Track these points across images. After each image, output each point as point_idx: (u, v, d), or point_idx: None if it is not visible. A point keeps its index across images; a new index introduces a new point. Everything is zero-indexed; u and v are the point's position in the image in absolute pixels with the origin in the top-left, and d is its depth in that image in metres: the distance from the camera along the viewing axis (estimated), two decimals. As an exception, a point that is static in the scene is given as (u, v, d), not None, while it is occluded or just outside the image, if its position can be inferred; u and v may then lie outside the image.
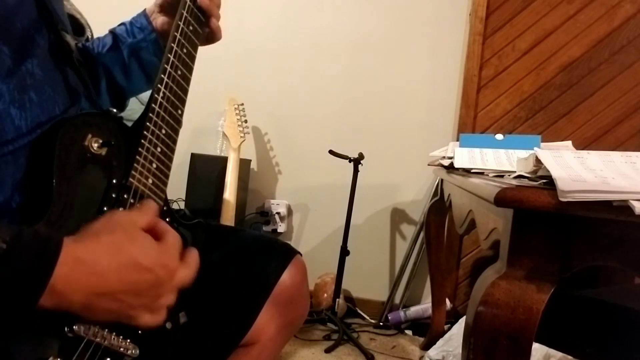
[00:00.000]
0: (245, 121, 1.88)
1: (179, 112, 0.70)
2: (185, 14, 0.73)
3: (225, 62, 2.11)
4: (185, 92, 0.72)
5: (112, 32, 0.81)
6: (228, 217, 1.73)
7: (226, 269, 0.77)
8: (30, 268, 0.40)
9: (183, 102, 0.71)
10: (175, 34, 0.71)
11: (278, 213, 2.12)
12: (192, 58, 0.75)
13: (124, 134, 0.61)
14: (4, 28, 0.52)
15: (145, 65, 0.81)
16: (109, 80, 0.81)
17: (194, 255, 0.54)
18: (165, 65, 0.68)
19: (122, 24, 0.82)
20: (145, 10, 0.82)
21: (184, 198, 1.91)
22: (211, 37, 0.80)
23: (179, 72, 0.71)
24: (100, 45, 0.80)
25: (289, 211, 2.16)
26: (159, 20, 0.81)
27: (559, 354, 1.24)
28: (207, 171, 1.89)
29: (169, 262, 0.50)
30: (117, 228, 0.48)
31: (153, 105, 0.65)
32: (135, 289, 0.47)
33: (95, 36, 0.81)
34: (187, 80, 0.74)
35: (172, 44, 0.70)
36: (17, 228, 0.42)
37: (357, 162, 1.88)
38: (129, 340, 0.54)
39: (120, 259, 0.46)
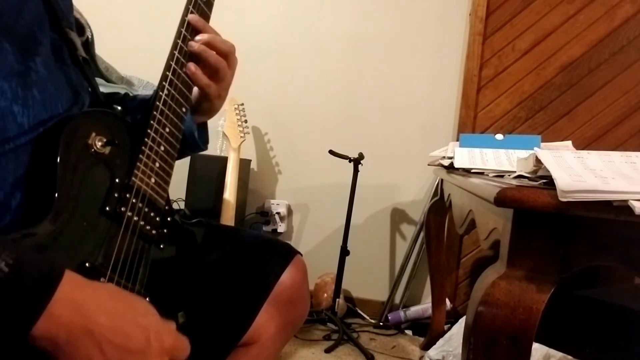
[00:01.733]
0: (245, 121, 1.88)
1: (184, 110, 0.69)
2: (191, 8, 0.72)
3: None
4: (190, 89, 0.72)
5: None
6: (228, 217, 1.73)
7: (226, 268, 0.77)
8: (31, 292, 0.40)
9: (188, 100, 0.71)
10: (181, 29, 0.71)
11: (278, 213, 2.12)
12: None
13: (128, 132, 0.61)
14: (7, 26, 0.52)
15: None
16: None
17: (184, 350, 0.52)
18: (170, 62, 0.68)
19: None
20: None
21: (184, 198, 1.91)
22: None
23: (184, 70, 0.70)
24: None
25: (289, 211, 2.16)
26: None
27: (559, 354, 1.24)
28: (207, 171, 1.89)
29: (164, 335, 0.48)
30: (124, 290, 0.48)
31: (157, 103, 0.64)
32: (122, 344, 0.44)
33: (95, 36, 0.81)
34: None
35: (178, 40, 0.70)
36: (21, 251, 0.42)
37: (357, 162, 1.88)
38: None
39: (118, 304, 0.45)
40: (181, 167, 1.91)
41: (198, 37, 0.72)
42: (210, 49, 0.72)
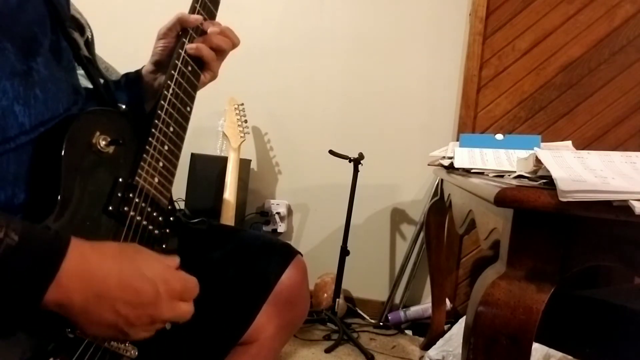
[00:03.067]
0: (245, 121, 1.88)
1: (188, 109, 0.69)
2: (198, 7, 0.73)
3: (225, 62, 2.10)
4: (195, 88, 0.72)
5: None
6: (228, 217, 1.73)
7: (226, 268, 0.77)
8: (40, 260, 0.41)
9: (192, 98, 0.70)
10: (188, 29, 0.71)
11: (278, 213, 2.11)
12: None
13: (132, 131, 0.61)
14: (8, 26, 0.52)
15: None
16: None
17: (194, 292, 0.54)
18: (176, 61, 0.68)
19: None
20: (142, 67, 0.81)
21: (184, 198, 1.91)
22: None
23: (189, 68, 0.70)
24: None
25: (289, 211, 2.16)
26: (161, 80, 0.79)
27: (559, 354, 1.24)
28: (207, 171, 1.89)
29: (172, 282, 0.50)
30: (127, 244, 0.50)
31: (162, 102, 0.64)
32: (134, 299, 0.46)
33: (95, 36, 0.81)
34: (197, 77, 0.73)
35: (184, 39, 0.70)
36: (27, 223, 0.43)
37: (357, 162, 1.88)
38: (128, 341, 0.54)
39: (123, 264, 0.47)
40: (181, 167, 1.90)
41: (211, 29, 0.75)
42: (208, 44, 0.75)
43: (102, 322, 0.45)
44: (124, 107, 0.63)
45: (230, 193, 1.75)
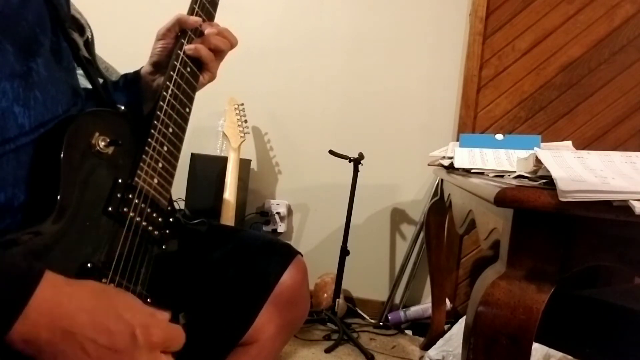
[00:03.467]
0: (245, 121, 1.88)
1: (187, 110, 0.69)
2: (196, 8, 0.73)
3: (225, 62, 2.10)
4: (194, 89, 0.72)
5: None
6: (228, 217, 1.73)
7: (226, 268, 0.77)
8: (8, 294, 0.39)
9: (191, 99, 0.71)
10: (187, 30, 0.71)
11: (278, 213, 2.11)
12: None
13: (132, 132, 0.61)
14: (8, 27, 0.52)
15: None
16: None
17: (179, 341, 0.48)
18: (175, 62, 0.68)
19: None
20: (140, 68, 0.81)
21: (184, 198, 1.91)
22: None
23: (188, 69, 0.70)
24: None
25: (289, 211, 2.16)
26: (158, 82, 0.79)
27: (559, 354, 1.24)
28: (207, 171, 1.89)
29: (152, 328, 0.44)
30: (111, 287, 0.47)
31: (161, 103, 0.64)
32: (107, 343, 0.41)
33: (95, 36, 0.81)
34: (196, 78, 0.74)
35: (183, 40, 0.70)
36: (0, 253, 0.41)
37: (357, 162, 1.88)
38: None
39: (99, 301, 0.43)
40: (181, 167, 1.90)
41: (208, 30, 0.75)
42: (207, 45, 0.75)
43: None
44: (122, 107, 0.63)
45: (230, 193, 1.75)
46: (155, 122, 0.62)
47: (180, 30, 0.75)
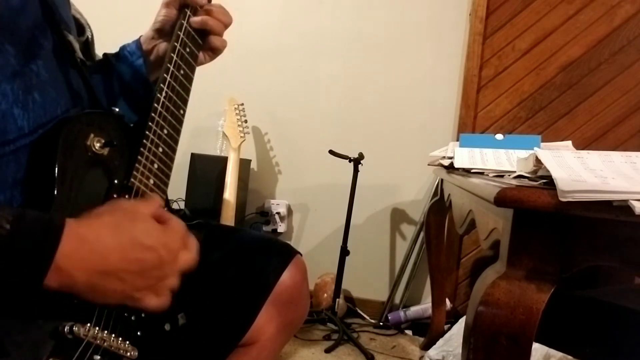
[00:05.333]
0: (245, 121, 1.88)
1: (181, 111, 0.70)
2: (188, 12, 0.74)
3: (225, 62, 2.09)
4: (188, 91, 0.72)
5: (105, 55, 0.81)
6: (228, 217, 1.73)
7: (226, 268, 0.77)
8: (35, 247, 0.41)
9: (185, 101, 0.71)
10: (179, 32, 0.71)
11: (278, 213, 2.11)
12: (195, 57, 0.75)
13: (126, 134, 0.61)
14: (8, 29, 0.52)
15: (126, 91, 0.80)
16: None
17: (194, 240, 0.56)
18: (168, 65, 0.68)
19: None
20: (139, 37, 0.81)
21: (184, 198, 1.91)
22: (215, 49, 0.81)
23: (182, 72, 0.71)
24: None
25: (289, 211, 2.16)
26: (161, 47, 0.80)
27: (559, 354, 1.24)
28: (207, 171, 1.89)
29: (171, 243, 0.51)
30: (119, 210, 0.50)
31: (155, 104, 0.65)
32: (138, 268, 0.47)
33: (94, 37, 0.81)
34: (190, 80, 0.74)
35: (176, 44, 0.70)
36: (19, 209, 0.42)
37: (357, 162, 1.88)
38: (127, 342, 0.54)
39: (121, 237, 0.47)
40: (181, 167, 1.91)
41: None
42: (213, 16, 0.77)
43: (110, 292, 0.46)
44: (117, 110, 0.63)
45: (230, 193, 1.75)
46: (150, 123, 0.63)
47: (181, 5, 0.75)
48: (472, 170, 1.03)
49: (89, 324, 0.49)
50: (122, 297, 0.48)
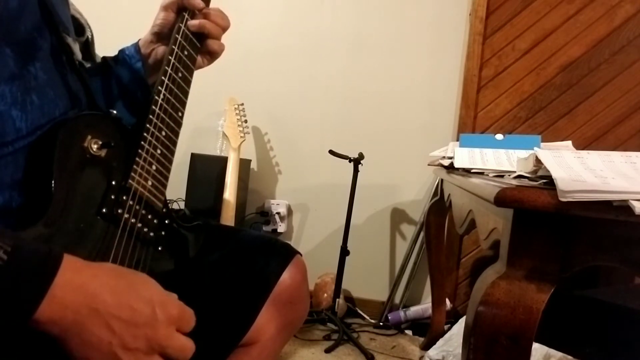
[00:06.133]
0: (245, 121, 1.88)
1: (179, 114, 0.70)
2: (186, 15, 0.74)
3: (225, 62, 2.09)
4: (186, 94, 0.72)
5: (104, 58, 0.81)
6: (228, 217, 1.73)
7: (226, 268, 0.77)
8: (31, 276, 0.40)
9: (183, 104, 0.71)
10: (177, 35, 0.71)
11: (278, 213, 2.11)
12: (193, 60, 0.75)
13: (124, 135, 0.61)
14: (7, 31, 0.52)
15: (125, 94, 0.79)
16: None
17: (191, 323, 0.52)
18: (166, 67, 0.68)
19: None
20: (138, 40, 0.81)
21: (184, 198, 1.91)
22: (213, 53, 0.81)
23: (180, 74, 0.71)
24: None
25: (289, 211, 2.16)
26: (160, 50, 0.80)
27: (559, 354, 1.24)
28: (207, 171, 1.89)
29: (169, 306, 0.48)
30: (123, 267, 0.49)
31: (153, 107, 0.65)
32: (130, 319, 0.44)
33: (95, 36, 0.81)
34: (188, 83, 0.74)
35: (174, 47, 0.70)
36: (18, 238, 0.42)
37: (357, 162, 1.88)
38: None
39: (119, 281, 0.46)
40: (181, 167, 1.91)
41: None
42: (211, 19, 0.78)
43: (95, 342, 0.43)
44: (114, 112, 0.63)
45: (230, 193, 1.75)
46: (147, 125, 0.63)
47: (179, 9, 0.75)
48: (472, 170, 1.03)
49: None
50: (108, 352, 0.44)
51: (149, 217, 0.62)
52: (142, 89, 0.79)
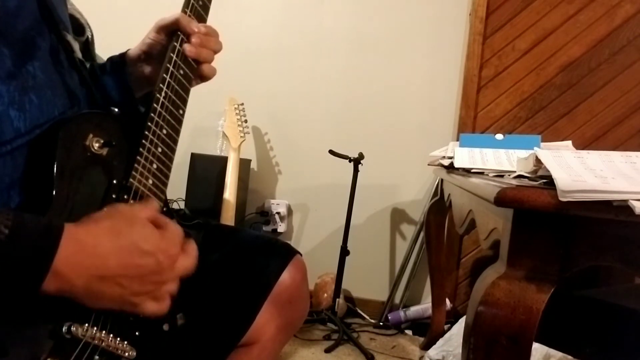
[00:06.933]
0: (245, 121, 1.88)
1: (181, 112, 0.69)
2: (181, 35, 0.73)
3: (225, 62, 2.10)
4: (187, 91, 0.72)
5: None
6: (228, 217, 1.73)
7: (226, 268, 0.77)
8: (33, 251, 0.41)
9: (185, 101, 0.71)
10: (179, 32, 0.71)
11: (278, 213, 2.11)
12: (189, 79, 0.75)
13: (125, 134, 0.61)
14: (4, 30, 0.52)
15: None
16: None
17: (193, 245, 0.56)
18: (168, 65, 0.68)
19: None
20: (127, 51, 0.80)
21: (184, 198, 1.91)
22: (204, 77, 0.78)
23: (181, 72, 0.71)
24: None
25: (289, 211, 2.16)
26: (147, 69, 0.78)
27: (559, 354, 1.24)
28: (207, 171, 1.89)
29: (169, 248, 0.51)
30: (117, 215, 0.50)
31: (155, 105, 0.64)
32: (137, 274, 0.47)
33: (95, 36, 0.81)
34: (189, 80, 0.74)
35: (175, 43, 0.70)
36: (19, 214, 0.43)
37: (357, 162, 1.88)
38: (126, 342, 0.54)
39: (120, 242, 0.47)
40: (181, 167, 1.91)
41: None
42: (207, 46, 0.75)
43: (108, 298, 0.47)
44: (116, 110, 0.63)
45: (230, 193, 1.75)
46: (149, 123, 0.63)
47: (174, 30, 0.74)
48: (472, 170, 1.03)
49: (87, 324, 0.49)
50: (121, 302, 0.48)
51: None
52: (128, 101, 0.77)
